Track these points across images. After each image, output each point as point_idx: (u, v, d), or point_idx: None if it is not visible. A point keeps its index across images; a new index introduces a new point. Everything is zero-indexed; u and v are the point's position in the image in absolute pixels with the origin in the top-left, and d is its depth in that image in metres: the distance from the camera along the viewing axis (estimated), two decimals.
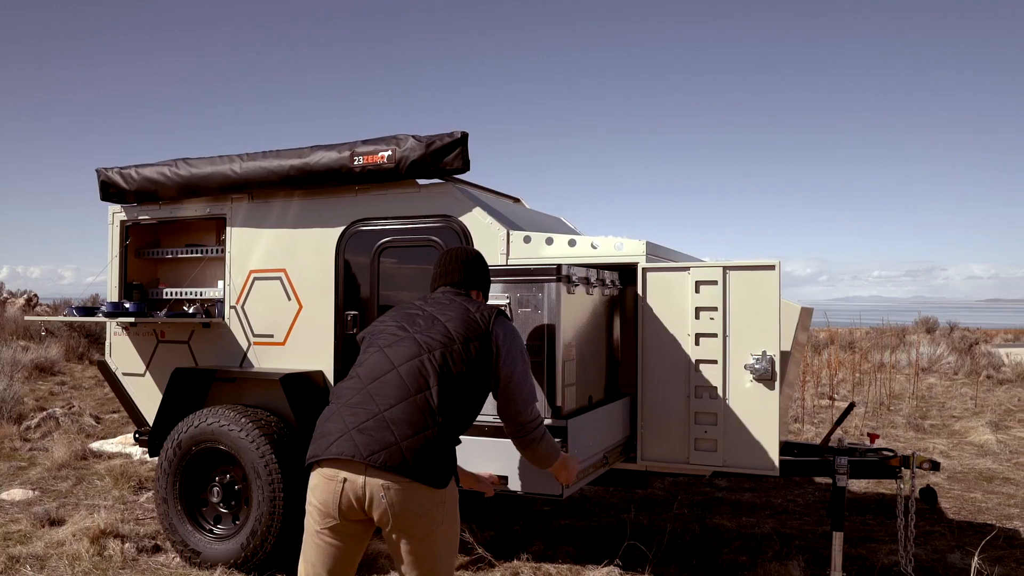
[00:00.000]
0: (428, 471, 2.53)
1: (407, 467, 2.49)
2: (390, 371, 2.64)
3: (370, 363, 2.71)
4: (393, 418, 2.55)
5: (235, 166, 5.14)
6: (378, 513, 2.53)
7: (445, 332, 2.71)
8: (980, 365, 17.22)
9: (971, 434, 9.96)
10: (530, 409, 2.85)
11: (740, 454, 4.05)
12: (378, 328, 2.86)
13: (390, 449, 2.50)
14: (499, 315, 2.83)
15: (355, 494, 2.53)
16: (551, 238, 4.41)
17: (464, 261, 3.06)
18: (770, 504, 6.63)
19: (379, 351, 2.73)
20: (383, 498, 2.51)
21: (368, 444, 2.51)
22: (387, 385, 2.62)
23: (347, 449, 2.53)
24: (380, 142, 4.72)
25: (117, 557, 4.99)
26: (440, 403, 2.59)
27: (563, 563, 5.00)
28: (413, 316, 2.82)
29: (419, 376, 2.61)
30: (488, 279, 3.13)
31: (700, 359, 4.13)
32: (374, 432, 2.53)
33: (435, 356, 2.64)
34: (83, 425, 9.81)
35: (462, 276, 3.03)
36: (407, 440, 2.51)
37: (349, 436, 2.55)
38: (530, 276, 3.50)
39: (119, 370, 5.78)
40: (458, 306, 2.82)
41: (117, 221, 5.83)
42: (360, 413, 2.59)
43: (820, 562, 5.02)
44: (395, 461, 2.49)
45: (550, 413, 3.47)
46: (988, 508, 6.63)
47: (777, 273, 3.96)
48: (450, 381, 2.63)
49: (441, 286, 3.03)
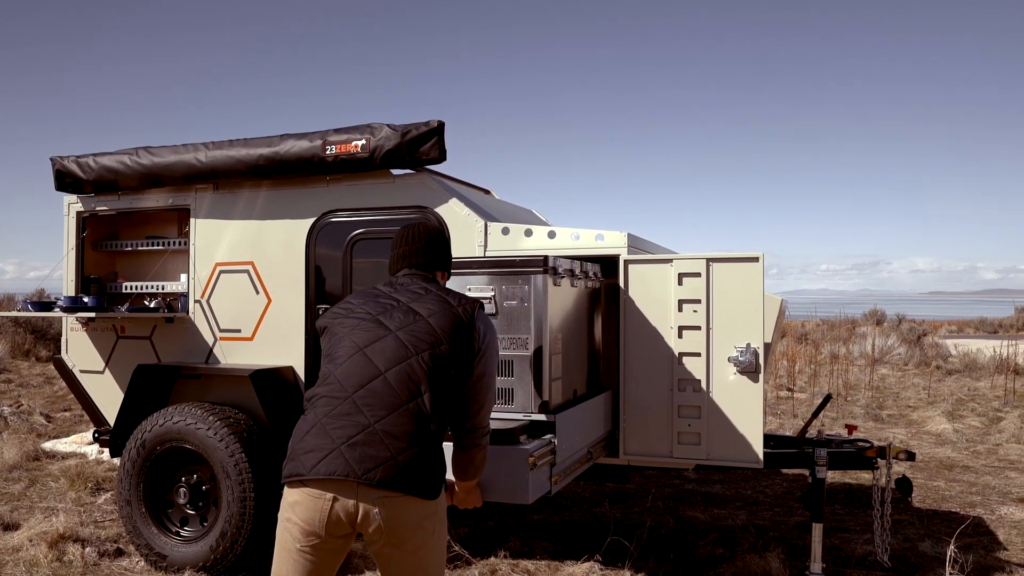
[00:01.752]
0: (424, 483, 2.36)
1: (404, 482, 2.32)
2: (376, 377, 2.41)
3: (350, 366, 2.45)
4: (386, 430, 2.34)
5: (200, 155, 4.96)
6: (371, 529, 2.35)
7: (430, 330, 2.48)
8: (930, 356, 17.62)
9: (928, 424, 10.16)
10: (488, 414, 2.64)
11: (724, 447, 4.03)
12: (345, 320, 2.58)
13: (386, 465, 2.31)
14: (480, 308, 2.65)
15: (346, 512, 2.34)
16: (530, 230, 4.33)
17: (428, 239, 2.80)
18: (740, 496, 6.65)
19: (358, 351, 2.47)
20: (378, 515, 2.33)
21: (362, 461, 2.30)
22: (375, 394, 2.38)
23: (339, 468, 2.31)
24: (354, 131, 4.59)
25: (77, 562, 4.79)
26: (433, 409, 2.41)
27: (541, 559, 4.94)
28: (388, 308, 2.56)
29: (409, 382, 2.40)
30: (450, 255, 2.90)
31: (683, 352, 4.10)
32: (367, 448, 2.31)
33: (424, 359, 2.43)
34: (33, 424, 9.47)
35: (426, 257, 2.78)
36: (403, 453, 2.33)
37: (339, 453, 2.32)
38: (516, 268, 3.42)
39: (76, 367, 5.56)
40: (435, 297, 2.59)
41: (73, 212, 5.60)
42: (349, 426, 2.35)
43: (796, 553, 5.03)
44: (391, 476, 2.30)
45: (538, 408, 3.39)
46: (952, 496, 6.75)
47: (761, 265, 3.94)
48: (440, 385, 2.44)
49: (404, 268, 2.77)
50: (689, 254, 4.11)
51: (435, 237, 2.81)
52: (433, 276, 2.76)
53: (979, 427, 10.04)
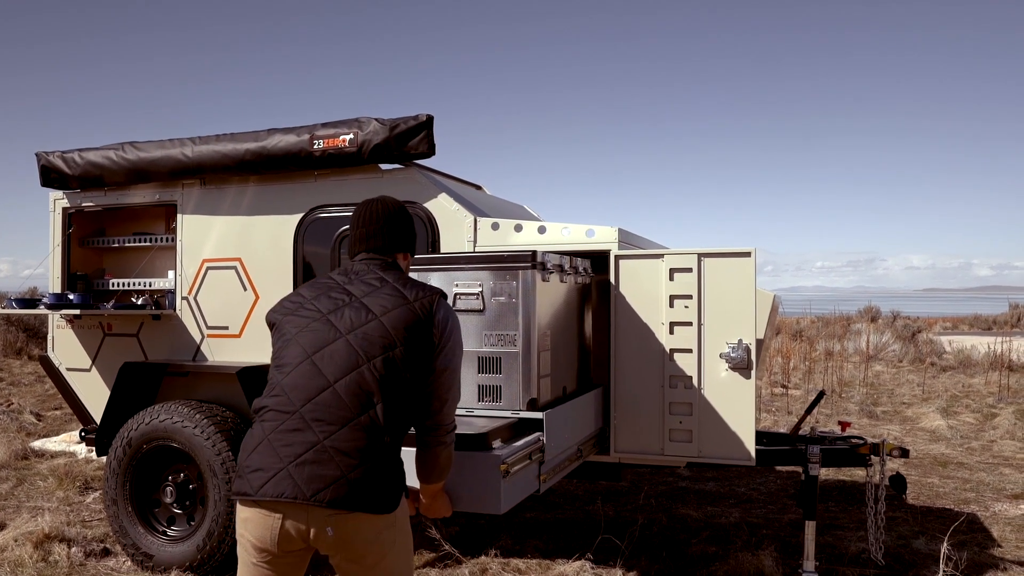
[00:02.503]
0: (377, 498, 2.22)
1: (356, 500, 2.18)
2: (325, 389, 2.24)
3: (298, 376, 2.28)
4: (337, 447, 2.18)
5: (187, 150, 4.89)
6: (324, 546, 2.25)
7: (383, 332, 2.30)
8: (924, 353, 17.61)
9: (922, 420, 10.13)
10: (452, 411, 2.46)
11: (716, 445, 3.98)
12: (294, 318, 2.40)
13: (336, 484, 2.16)
14: (441, 299, 2.45)
15: (297, 530, 2.22)
16: (520, 225, 4.28)
17: (387, 219, 2.56)
18: (734, 493, 6.62)
19: (306, 359, 2.30)
20: (330, 532, 2.21)
21: (310, 482, 2.16)
22: (324, 407, 2.22)
23: (287, 490, 2.17)
24: (341, 125, 4.53)
25: (63, 562, 4.74)
26: (387, 421, 2.24)
27: (532, 558, 4.89)
28: (338, 304, 2.37)
29: (361, 393, 2.24)
30: (414, 233, 2.68)
31: (674, 348, 4.05)
32: (316, 467, 2.17)
33: (376, 366, 2.26)
34: (23, 423, 9.40)
35: (385, 239, 2.55)
36: (354, 471, 2.18)
37: (287, 474, 2.18)
38: (503, 263, 3.36)
39: (63, 365, 5.50)
40: (390, 289, 2.40)
41: (59, 208, 5.53)
42: (296, 444, 2.20)
43: (789, 550, 5.00)
44: (342, 496, 2.16)
45: (526, 405, 3.34)
46: (946, 493, 6.72)
47: (753, 260, 3.89)
48: (395, 393, 2.28)
49: (361, 252, 2.56)
50: (680, 249, 4.06)
51: (394, 216, 2.59)
52: (393, 260, 2.57)
53: (973, 423, 10.02)
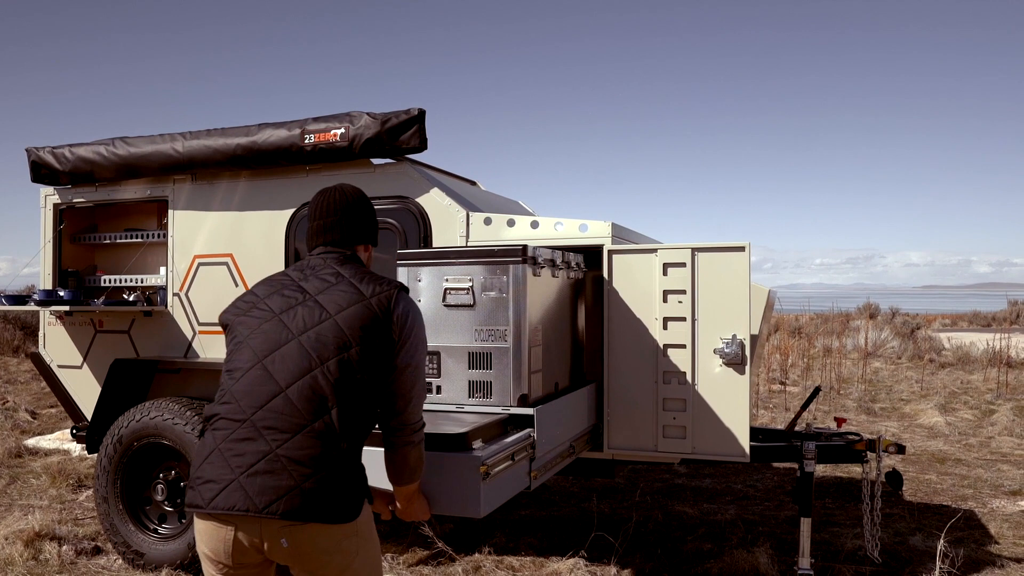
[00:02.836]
0: (334, 508, 2.12)
1: (311, 510, 2.08)
2: (277, 395, 2.14)
3: (248, 382, 2.18)
4: (289, 455, 2.09)
5: (177, 145, 4.86)
6: (280, 557, 2.16)
7: (337, 332, 2.19)
8: (923, 349, 17.58)
9: (921, 416, 10.10)
10: (419, 408, 2.34)
11: (710, 441, 3.95)
12: (246, 319, 2.29)
13: (289, 495, 2.07)
14: (400, 293, 2.31)
15: (250, 542, 2.14)
16: (512, 220, 4.24)
17: (344, 210, 2.44)
18: (731, 490, 6.59)
19: (256, 364, 2.20)
20: (284, 544, 2.12)
21: (262, 493, 2.07)
22: (276, 415, 2.12)
23: (238, 502, 2.08)
24: (332, 119, 4.50)
25: (54, 561, 4.70)
26: (343, 425, 2.14)
27: (526, 555, 4.86)
28: (291, 303, 2.26)
29: (314, 398, 2.13)
30: (375, 223, 2.54)
31: (668, 344, 4.01)
32: (268, 478, 2.08)
33: (330, 369, 2.15)
34: (18, 421, 9.37)
35: (342, 231, 2.43)
36: (308, 480, 2.08)
37: (238, 485, 2.08)
38: (494, 258, 3.33)
39: (54, 362, 5.46)
40: (347, 286, 2.28)
41: (50, 204, 5.49)
42: (248, 454, 2.10)
43: (785, 548, 4.96)
44: (296, 507, 2.07)
45: (517, 401, 3.30)
46: (943, 489, 6.69)
47: (747, 255, 3.85)
48: (351, 395, 2.17)
49: (318, 245, 2.44)
50: (674, 244, 4.02)
51: (352, 206, 2.45)
52: (352, 253, 2.44)
53: (972, 420, 9.99)
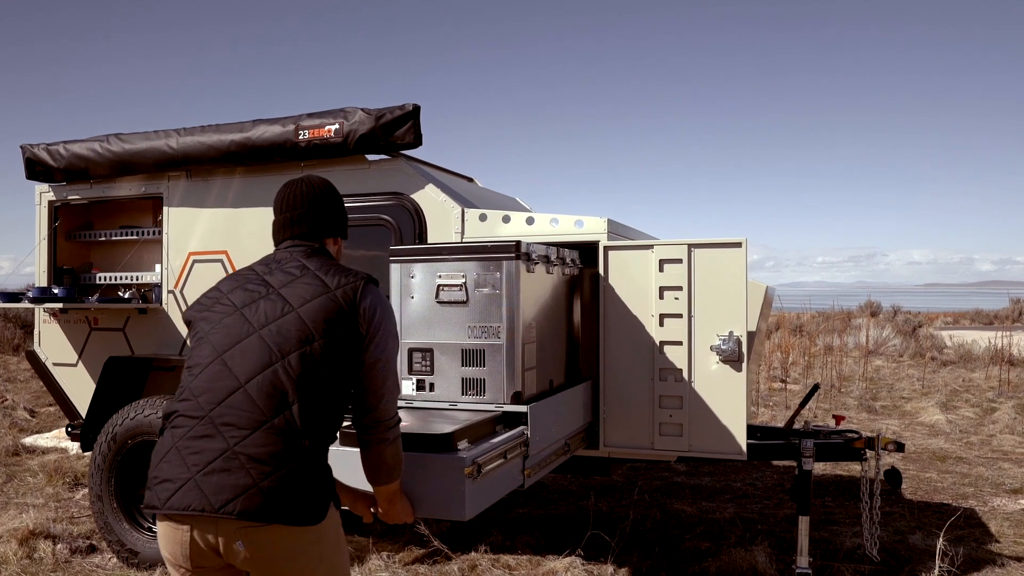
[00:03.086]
0: (296, 509, 2.03)
1: (270, 511, 1.99)
2: (236, 390, 2.06)
3: (207, 378, 2.11)
4: (248, 453, 2.01)
5: (171, 141, 4.83)
6: (238, 561, 2.07)
7: (300, 326, 2.11)
8: (924, 347, 17.53)
9: (922, 414, 10.06)
10: (392, 404, 2.26)
11: (706, 439, 3.91)
12: (208, 314, 2.22)
13: (248, 494, 1.98)
14: (367, 286, 2.23)
15: (207, 545, 2.05)
16: (508, 216, 4.21)
17: (310, 200, 2.36)
18: (730, 488, 6.55)
19: (216, 359, 2.12)
20: (239, 547, 2.03)
21: (218, 492, 1.99)
22: (234, 410, 2.05)
23: (194, 501, 2.00)
24: (327, 115, 4.47)
25: (48, 559, 4.68)
26: (304, 422, 2.06)
27: (522, 554, 4.83)
28: (254, 297, 2.19)
29: (274, 393, 2.05)
30: (344, 215, 2.46)
31: (664, 341, 3.97)
32: (225, 477, 1.99)
33: (291, 363, 2.08)
34: (16, 419, 9.35)
35: (310, 224, 2.35)
36: (268, 478, 1.99)
37: (194, 484, 2.01)
38: (487, 254, 3.29)
39: (49, 360, 5.44)
40: (311, 279, 2.20)
41: (45, 201, 5.47)
42: (205, 452, 2.03)
43: (784, 546, 4.93)
44: (254, 507, 1.98)
45: (510, 398, 3.27)
46: (944, 488, 6.65)
47: (744, 251, 3.81)
48: (314, 391, 2.09)
49: (285, 239, 2.37)
50: (670, 240, 3.99)
51: (320, 198, 2.38)
52: (320, 246, 2.36)
53: (973, 418, 9.95)
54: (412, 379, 3.41)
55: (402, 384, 3.44)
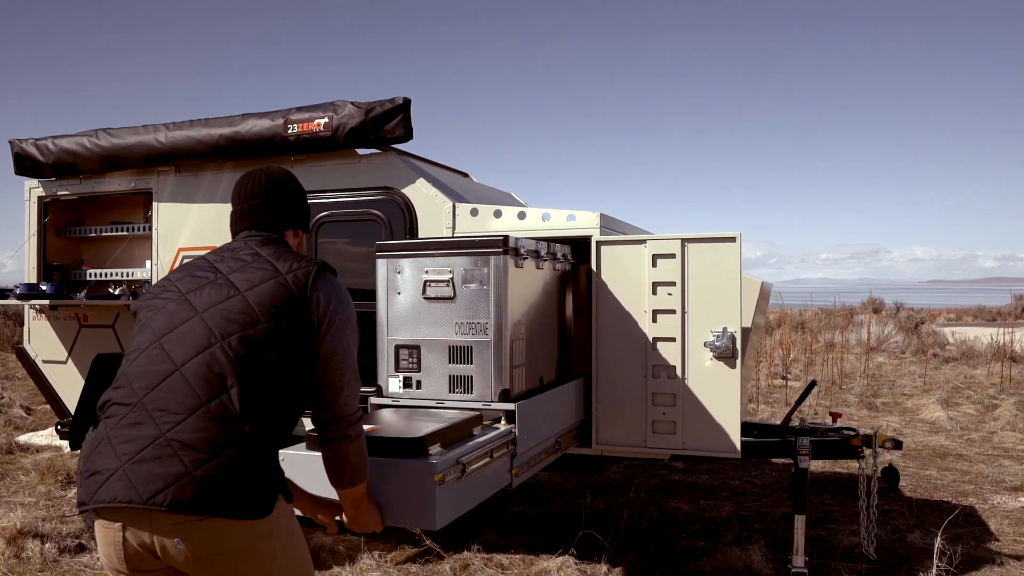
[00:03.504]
0: (238, 501, 1.86)
1: (207, 502, 1.83)
2: (172, 373, 1.93)
3: (143, 363, 1.98)
4: (181, 439, 1.86)
5: (160, 136, 4.77)
6: (180, 562, 1.89)
7: (244, 307, 1.99)
8: (927, 344, 17.47)
9: (922, 411, 10.00)
10: (352, 399, 2.11)
11: (700, 436, 3.85)
12: (154, 302, 2.10)
13: (180, 483, 1.83)
14: (321, 272, 2.10)
15: (141, 545, 1.89)
16: (499, 210, 4.15)
17: (269, 190, 2.26)
18: (728, 486, 6.49)
19: (154, 343, 2.00)
20: (178, 544, 1.85)
21: (148, 482, 1.83)
22: (169, 394, 1.91)
23: (120, 492, 1.84)
24: (316, 109, 4.41)
25: (36, 558, 4.63)
26: (244, 407, 1.91)
27: (516, 553, 4.77)
28: (200, 283, 2.07)
29: (211, 376, 1.92)
30: (305, 207, 2.36)
31: (657, 337, 3.91)
32: (156, 464, 1.84)
33: (231, 344, 1.94)
34: (11, 417, 9.32)
35: (268, 214, 2.24)
36: (203, 466, 1.84)
37: (122, 474, 1.86)
38: (474, 249, 3.23)
39: (39, 357, 5.40)
40: (263, 264, 2.09)
41: (34, 197, 5.42)
42: (136, 440, 1.88)
43: (780, 545, 4.87)
44: (188, 497, 1.82)
45: (498, 396, 3.21)
46: (944, 485, 6.58)
47: (738, 245, 3.75)
48: (256, 375, 1.95)
49: (242, 230, 2.26)
50: (664, 235, 3.93)
51: (279, 188, 2.27)
52: (278, 237, 2.25)
53: (974, 415, 9.88)
54: (399, 376, 3.36)
55: (389, 382, 3.38)
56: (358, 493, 2.21)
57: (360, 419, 2.14)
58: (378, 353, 3.41)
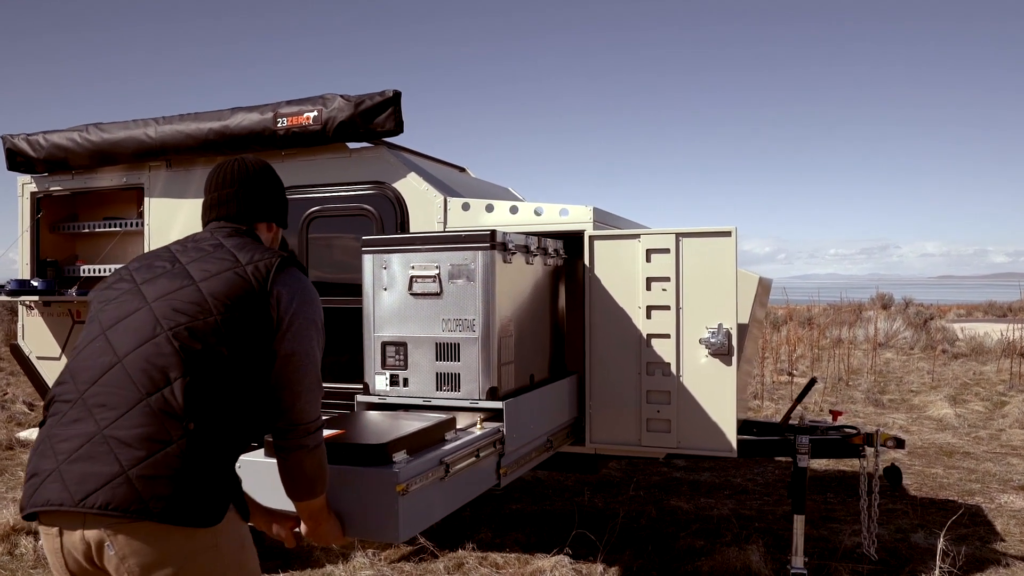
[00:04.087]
0: (177, 505, 1.70)
1: (142, 504, 1.68)
2: (113, 365, 1.80)
3: (86, 356, 1.86)
4: (118, 436, 1.72)
5: (150, 130, 4.73)
6: (115, 571, 1.73)
7: (195, 298, 1.86)
8: (935, 340, 17.31)
9: (930, 408, 9.88)
10: (311, 406, 1.95)
11: (695, 435, 3.77)
12: (107, 292, 1.97)
13: (113, 483, 1.68)
14: (283, 266, 1.96)
15: (76, 551, 1.74)
16: (491, 205, 4.08)
17: (241, 180, 2.13)
18: (729, 484, 6.41)
19: (100, 335, 1.87)
20: (109, 550, 1.71)
21: (81, 482, 1.70)
22: (109, 388, 1.78)
23: (54, 495, 1.71)
24: (306, 102, 4.35)
25: (29, 556, 4.60)
26: (188, 402, 1.76)
27: (511, 552, 4.71)
28: (156, 273, 1.94)
29: (152, 368, 1.78)
30: (282, 200, 2.22)
31: (652, 333, 3.83)
32: (90, 464, 1.71)
33: (177, 335, 1.80)
34: (14, 413, 9.30)
35: (240, 205, 2.11)
36: (139, 465, 1.69)
37: (57, 475, 1.73)
38: (461, 244, 3.16)
39: (32, 354, 5.36)
40: (224, 254, 1.96)
41: (27, 193, 5.38)
42: (73, 438, 1.75)
43: (780, 545, 4.79)
44: (122, 499, 1.67)
45: (486, 394, 3.14)
46: (950, 484, 6.48)
47: (733, 240, 3.67)
48: (204, 369, 1.80)
49: (211, 221, 2.13)
50: (658, 229, 3.85)
51: (252, 178, 2.14)
52: (249, 229, 2.11)
53: (982, 412, 9.75)
54: (386, 374, 3.29)
55: (375, 379, 3.32)
56: (316, 506, 2.06)
57: (320, 428, 1.98)
58: (364, 350, 3.35)
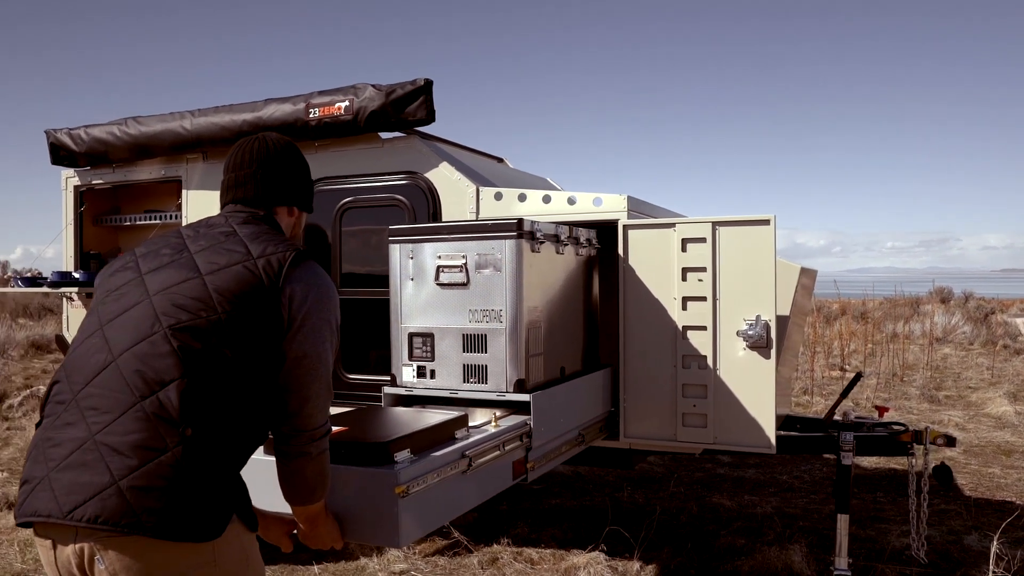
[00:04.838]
0: (172, 518, 1.58)
1: (133, 518, 1.55)
2: (108, 364, 1.67)
3: (82, 353, 1.73)
4: (109, 443, 1.60)
5: (186, 123, 4.75)
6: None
7: (199, 292, 1.72)
8: (996, 335, 16.74)
9: (988, 405, 9.52)
10: (319, 411, 1.81)
11: (732, 430, 3.65)
12: (111, 279, 1.85)
13: (102, 495, 1.56)
14: (300, 261, 1.81)
15: (76, 567, 1.62)
16: (524, 194, 4.00)
17: (261, 160, 1.97)
18: (775, 481, 6.24)
19: (97, 330, 1.74)
20: (100, 565, 1.58)
21: (70, 492, 1.58)
22: (102, 389, 1.65)
23: (42, 505, 1.60)
24: (337, 92, 4.32)
25: None
26: (186, 407, 1.62)
27: (546, 548, 4.64)
28: (161, 261, 1.81)
29: (147, 369, 1.64)
30: (306, 182, 2.06)
31: (688, 325, 3.71)
32: (79, 472, 1.59)
33: (177, 334, 1.67)
34: None
35: (258, 186, 1.96)
36: (131, 475, 1.57)
37: (46, 483, 1.62)
38: (488, 233, 3.08)
39: None
40: (235, 244, 1.81)
41: (71, 186, 5.46)
42: (64, 444, 1.63)
43: (825, 545, 4.63)
44: (112, 512, 1.55)
45: (513, 386, 3.07)
46: (1007, 484, 6.22)
47: (772, 228, 3.53)
48: (204, 371, 1.66)
49: (228, 203, 1.99)
50: (694, 218, 3.72)
51: (273, 157, 1.98)
52: (267, 214, 1.96)
53: None
54: (413, 366, 3.24)
55: (403, 371, 3.27)
56: (315, 510, 1.93)
57: (326, 434, 1.85)
58: (392, 341, 3.30)
